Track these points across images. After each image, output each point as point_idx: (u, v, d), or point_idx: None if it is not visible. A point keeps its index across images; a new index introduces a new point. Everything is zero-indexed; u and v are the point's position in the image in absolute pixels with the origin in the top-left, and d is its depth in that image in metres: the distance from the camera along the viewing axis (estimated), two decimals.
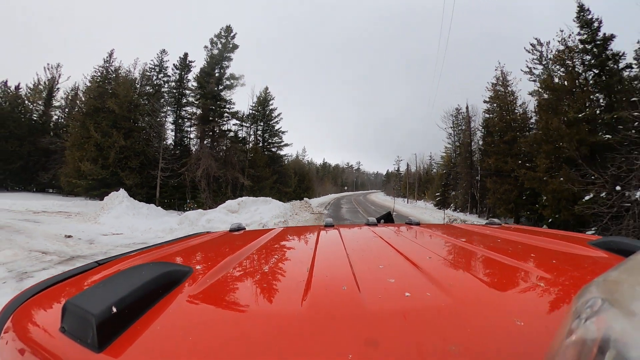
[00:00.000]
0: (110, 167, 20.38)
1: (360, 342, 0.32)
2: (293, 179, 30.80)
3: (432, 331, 0.34)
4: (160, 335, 0.34)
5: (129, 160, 20.52)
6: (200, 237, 1.02)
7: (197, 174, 17.34)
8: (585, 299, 0.22)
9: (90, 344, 0.32)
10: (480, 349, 0.31)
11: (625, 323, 0.18)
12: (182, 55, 26.12)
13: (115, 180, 19.64)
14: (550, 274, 0.51)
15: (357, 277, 0.51)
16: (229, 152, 20.03)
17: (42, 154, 27.40)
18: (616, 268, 0.25)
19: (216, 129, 20.07)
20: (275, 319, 0.37)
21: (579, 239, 0.84)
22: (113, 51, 26.45)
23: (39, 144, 26.86)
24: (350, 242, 0.85)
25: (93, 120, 21.71)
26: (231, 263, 0.62)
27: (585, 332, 0.20)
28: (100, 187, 19.87)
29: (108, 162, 20.27)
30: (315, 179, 50.43)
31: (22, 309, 0.45)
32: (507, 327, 0.35)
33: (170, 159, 19.44)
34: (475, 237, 0.95)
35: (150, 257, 0.71)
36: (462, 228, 1.20)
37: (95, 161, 20.60)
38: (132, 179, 19.87)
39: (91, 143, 21.13)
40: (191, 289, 0.46)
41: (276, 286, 0.51)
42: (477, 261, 0.67)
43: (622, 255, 0.64)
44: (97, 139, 20.91)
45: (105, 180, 19.91)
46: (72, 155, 21.58)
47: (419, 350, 0.31)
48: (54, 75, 31.39)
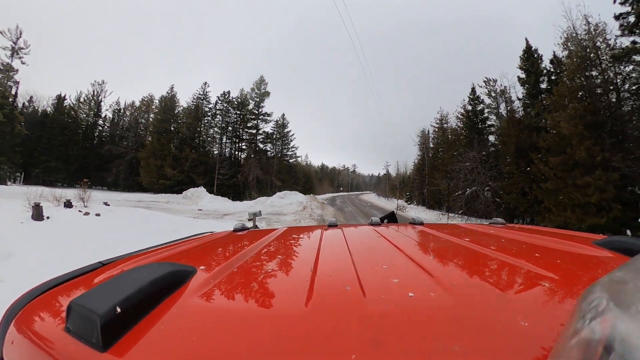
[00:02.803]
0: (185, 172, 30.84)
1: (364, 342, 0.32)
2: (301, 180, 41.78)
3: (437, 331, 0.34)
4: (164, 335, 0.35)
5: (197, 167, 31.04)
6: (205, 237, 1.04)
7: (249, 178, 28.05)
8: (590, 299, 0.22)
9: (95, 344, 0.32)
10: (485, 349, 0.31)
11: (630, 323, 0.18)
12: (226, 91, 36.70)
13: (188, 180, 30.04)
14: (554, 274, 0.51)
15: (360, 277, 0.51)
16: (267, 163, 30.99)
17: (95, 157, 37.19)
18: (621, 268, 0.25)
19: (257, 149, 31.14)
20: (278, 320, 0.38)
21: (583, 238, 0.84)
22: (173, 86, 37.15)
23: (98, 150, 36.17)
24: (353, 242, 0.86)
25: (167, 139, 32.15)
26: (235, 263, 0.63)
27: (590, 332, 0.20)
28: (177, 186, 30.10)
29: (184, 168, 30.73)
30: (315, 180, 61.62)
31: (28, 309, 0.46)
32: (511, 327, 0.35)
33: (226, 166, 30.02)
34: (479, 236, 0.94)
35: (154, 257, 0.72)
36: (465, 228, 1.19)
37: (174, 167, 30.99)
38: (201, 180, 30.38)
39: (170, 156, 31.51)
40: (195, 289, 0.47)
41: (280, 287, 0.51)
42: (481, 261, 0.65)
43: (627, 255, 0.64)
44: (175, 153, 31.40)
45: (183, 180, 30.28)
46: (153, 163, 31.74)
47: (423, 351, 0.31)
48: (97, 90, 40.90)
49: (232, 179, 29.93)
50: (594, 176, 11.84)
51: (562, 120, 13.02)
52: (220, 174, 30.13)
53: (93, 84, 40.47)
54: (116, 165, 34.85)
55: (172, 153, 30.90)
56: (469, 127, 22.70)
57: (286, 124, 38.50)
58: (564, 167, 12.82)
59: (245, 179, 29.15)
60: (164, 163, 30.85)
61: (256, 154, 31.15)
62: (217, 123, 34.21)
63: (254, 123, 33.28)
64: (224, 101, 35.75)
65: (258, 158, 31.07)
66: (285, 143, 38.14)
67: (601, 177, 11.75)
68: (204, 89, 36.56)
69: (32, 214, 6.96)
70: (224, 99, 36.05)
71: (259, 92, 34.01)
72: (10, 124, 27.38)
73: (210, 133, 34.23)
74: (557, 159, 13.05)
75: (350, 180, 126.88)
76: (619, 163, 11.56)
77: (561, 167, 12.93)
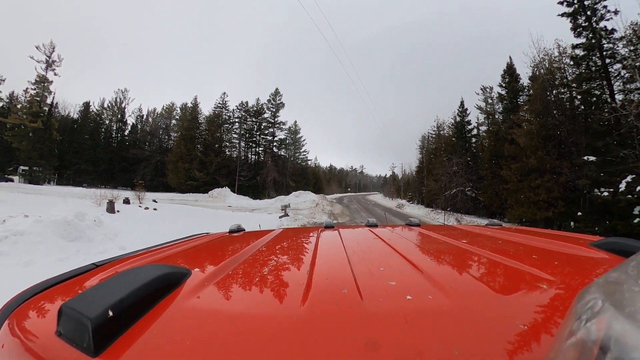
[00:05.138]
0: (211, 174, 35.00)
1: (361, 345, 0.32)
2: (312, 181, 45.83)
3: (435, 335, 0.34)
4: (157, 339, 0.34)
5: (221, 170, 35.26)
6: (200, 239, 1.02)
7: (268, 179, 32.19)
8: (586, 300, 0.23)
9: (87, 349, 0.32)
10: (484, 352, 0.31)
11: (626, 324, 0.18)
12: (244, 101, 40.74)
13: (213, 181, 34.12)
14: (551, 276, 0.51)
15: (357, 279, 0.51)
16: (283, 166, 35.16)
17: (121, 159, 41.34)
18: (617, 269, 0.26)
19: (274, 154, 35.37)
20: (274, 322, 0.37)
21: (580, 239, 0.85)
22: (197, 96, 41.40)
23: (123, 153, 39.79)
24: (350, 243, 0.85)
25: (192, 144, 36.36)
26: (230, 265, 0.62)
27: (586, 333, 0.20)
28: (203, 186, 34.07)
29: (210, 171, 34.91)
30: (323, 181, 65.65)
31: (18, 312, 0.45)
32: (509, 330, 0.35)
33: (246, 169, 34.23)
34: (476, 238, 0.94)
35: (149, 258, 0.71)
36: (462, 229, 1.18)
37: (200, 170, 35.13)
38: (224, 181, 34.55)
39: (197, 160, 35.62)
40: (190, 292, 0.46)
41: (276, 289, 0.50)
42: (479, 263, 0.66)
43: (622, 256, 0.64)
44: (201, 157, 35.56)
45: (208, 182, 34.37)
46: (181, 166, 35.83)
47: (420, 355, 0.30)
48: (121, 98, 44.84)
49: (251, 180, 34.26)
50: (543, 179, 15.29)
51: (520, 135, 16.51)
52: (242, 176, 34.37)
53: (116, 91, 44.55)
54: (142, 167, 38.64)
55: (198, 157, 35.19)
56: (458, 136, 26.18)
57: (298, 130, 42.65)
58: (522, 172, 16.29)
59: (264, 180, 33.44)
60: (191, 166, 35.14)
61: (273, 158, 35.49)
62: (235, 130, 38.57)
63: (270, 131, 37.79)
64: (242, 110, 39.96)
65: (275, 162, 35.38)
66: (297, 148, 42.35)
67: (549, 180, 15.19)
68: (223, 98, 40.80)
69: (107, 208, 8.83)
70: (241, 107, 40.26)
71: (275, 103, 38.32)
72: (48, 130, 31.93)
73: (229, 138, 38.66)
74: (517, 166, 16.53)
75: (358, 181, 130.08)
76: (563, 169, 14.96)
77: (519, 172, 16.40)
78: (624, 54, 13.90)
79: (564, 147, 15.77)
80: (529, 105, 17.68)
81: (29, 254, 4.48)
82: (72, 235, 5.39)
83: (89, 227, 5.90)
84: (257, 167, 35.87)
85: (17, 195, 12.52)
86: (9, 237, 4.66)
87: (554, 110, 16.59)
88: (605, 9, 14.77)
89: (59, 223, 5.37)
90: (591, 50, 15.13)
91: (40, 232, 5.02)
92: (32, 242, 4.76)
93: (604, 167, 13.02)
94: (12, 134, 30.26)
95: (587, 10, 15.31)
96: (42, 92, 32.27)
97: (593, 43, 14.90)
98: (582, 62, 15.79)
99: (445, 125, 31.42)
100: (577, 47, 15.81)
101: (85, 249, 5.22)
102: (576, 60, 16.07)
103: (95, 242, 5.65)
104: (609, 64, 14.63)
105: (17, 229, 4.88)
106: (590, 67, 15.49)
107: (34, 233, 4.92)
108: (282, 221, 13.17)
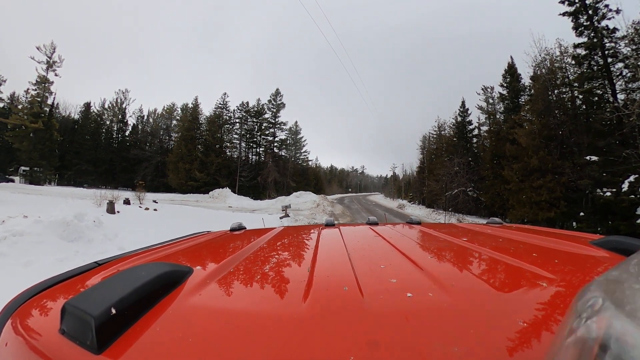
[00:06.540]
0: (211, 175, 34.98)
1: (362, 343, 0.32)
2: (312, 181, 45.78)
3: (435, 332, 0.34)
4: (160, 336, 0.35)
5: (221, 170, 35.24)
6: (201, 237, 1.03)
7: (268, 180, 32.15)
8: (586, 298, 0.22)
9: (90, 346, 0.32)
10: (484, 350, 0.31)
11: (626, 322, 0.18)
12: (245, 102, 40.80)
13: (214, 182, 34.11)
14: (552, 274, 0.51)
15: (358, 277, 0.51)
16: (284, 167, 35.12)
17: (121, 160, 41.29)
18: (617, 267, 0.26)
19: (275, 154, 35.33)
20: (275, 320, 0.38)
21: (580, 238, 0.85)
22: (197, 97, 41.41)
23: (124, 153, 39.41)
24: (351, 241, 0.85)
25: (193, 145, 36.36)
26: (232, 263, 0.63)
27: (586, 331, 0.20)
28: (204, 187, 34.02)
29: (210, 171, 34.90)
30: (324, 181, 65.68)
31: (22, 310, 0.45)
32: (510, 327, 0.35)
33: (247, 169, 34.18)
34: (477, 236, 0.95)
35: (150, 257, 0.71)
36: (463, 227, 1.18)
37: (201, 170, 35.12)
38: (225, 181, 34.53)
39: (197, 160, 35.62)
40: (191, 290, 0.47)
41: (277, 287, 0.50)
42: (479, 261, 0.66)
43: (623, 255, 0.64)
44: (202, 158, 35.57)
45: (209, 182, 34.36)
46: (182, 166, 35.88)
47: (421, 352, 0.30)
48: (121, 98, 44.31)
49: (252, 181, 34.18)
50: (545, 179, 15.20)
51: (522, 135, 16.42)
52: (242, 177, 34.33)
53: (117, 92, 43.98)
54: (143, 168, 38.35)
55: (199, 158, 35.18)
56: (459, 136, 26.11)
57: (299, 131, 42.62)
58: (523, 172, 16.20)
59: (264, 181, 33.38)
60: (191, 167, 35.12)
61: (274, 159, 35.43)
62: (236, 130, 38.55)
63: (271, 131, 37.68)
64: (243, 110, 39.96)
65: (276, 162, 35.33)
66: (298, 148, 42.31)
67: (551, 180, 15.10)
68: (223, 99, 40.81)
69: (107, 208, 8.79)
70: (242, 108, 40.26)
71: (275, 103, 38.25)
72: (49, 131, 31.82)
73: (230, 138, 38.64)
74: (518, 166, 16.45)
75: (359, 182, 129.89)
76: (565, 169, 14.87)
77: (521, 172, 16.31)
78: (626, 53, 13.84)
79: (565, 147, 15.71)
80: (530, 105, 17.61)
81: (29, 255, 4.46)
82: (71, 236, 5.37)
83: (88, 228, 5.87)
84: (258, 168, 35.78)
85: (17, 196, 12.53)
86: (8, 238, 4.63)
87: (556, 110, 16.52)
88: (607, 8, 14.69)
89: (58, 224, 5.34)
90: (593, 49, 15.04)
91: (40, 232, 4.99)
92: (31, 242, 4.74)
93: (606, 167, 12.94)
94: (13, 135, 30.29)
95: (588, 10, 15.23)
96: (43, 93, 32.31)
97: (595, 42, 14.83)
98: (584, 62, 15.70)
99: (446, 125, 31.43)
100: (578, 47, 15.73)
101: (85, 249, 5.20)
102: (578, 59, 15.99)
103: (94, 242, 5.62)
104: (611, 63, 14.54)
105: (17, 229, 4.85)
106: (592, 67, 15.40)
107: (33, 234, 4.90)
108: (282, 222, 13.15)
